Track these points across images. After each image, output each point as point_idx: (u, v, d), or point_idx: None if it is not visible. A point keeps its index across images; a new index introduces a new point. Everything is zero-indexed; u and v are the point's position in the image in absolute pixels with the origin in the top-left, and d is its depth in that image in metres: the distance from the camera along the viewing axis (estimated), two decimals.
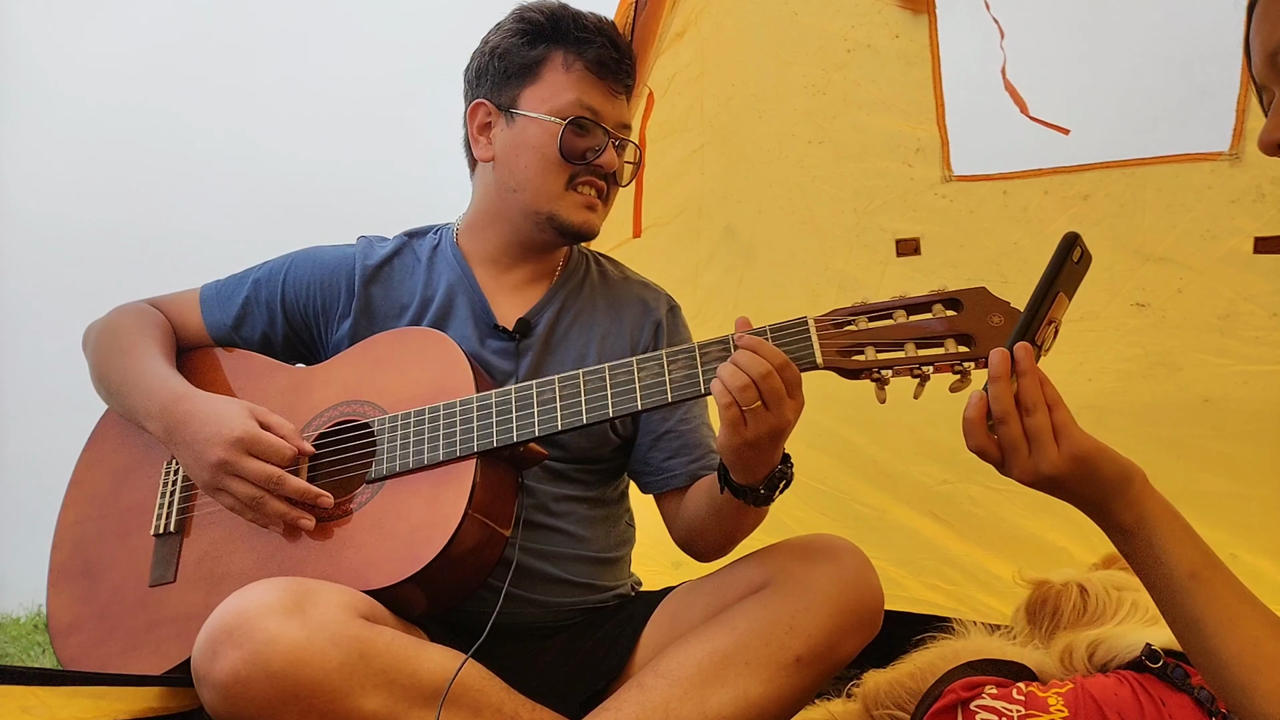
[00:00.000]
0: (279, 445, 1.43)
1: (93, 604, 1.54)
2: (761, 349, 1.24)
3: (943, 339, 1.23)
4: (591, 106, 1.59)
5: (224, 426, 1.43)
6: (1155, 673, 1.29)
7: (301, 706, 1.18)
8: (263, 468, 1.41)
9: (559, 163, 1.58)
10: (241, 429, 1.43)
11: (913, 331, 1.24)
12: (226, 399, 1.50)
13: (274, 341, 1.70)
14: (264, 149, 3.68)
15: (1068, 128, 2.15)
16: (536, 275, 1.70)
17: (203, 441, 1.44)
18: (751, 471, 1.32)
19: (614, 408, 1.36)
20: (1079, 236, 1.09)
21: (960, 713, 1.31)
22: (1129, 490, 1.07)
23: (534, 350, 1.63)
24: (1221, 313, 2.13)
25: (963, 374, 1.22)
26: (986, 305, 1.22)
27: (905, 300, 1.26)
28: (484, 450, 1.40)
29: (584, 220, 1.62)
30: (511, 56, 1.61)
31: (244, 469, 1.42)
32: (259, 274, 1.72)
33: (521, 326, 1.63)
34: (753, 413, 1.22)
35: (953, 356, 1.22)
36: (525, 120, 1.59)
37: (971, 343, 1.22)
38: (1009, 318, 1.21)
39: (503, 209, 1.66)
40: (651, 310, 1.71)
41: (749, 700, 1.35)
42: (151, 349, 1.61)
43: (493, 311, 1.65)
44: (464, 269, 1.68)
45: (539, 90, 1.60)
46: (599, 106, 1.60)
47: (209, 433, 1.44)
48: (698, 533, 1.55)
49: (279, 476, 1.41)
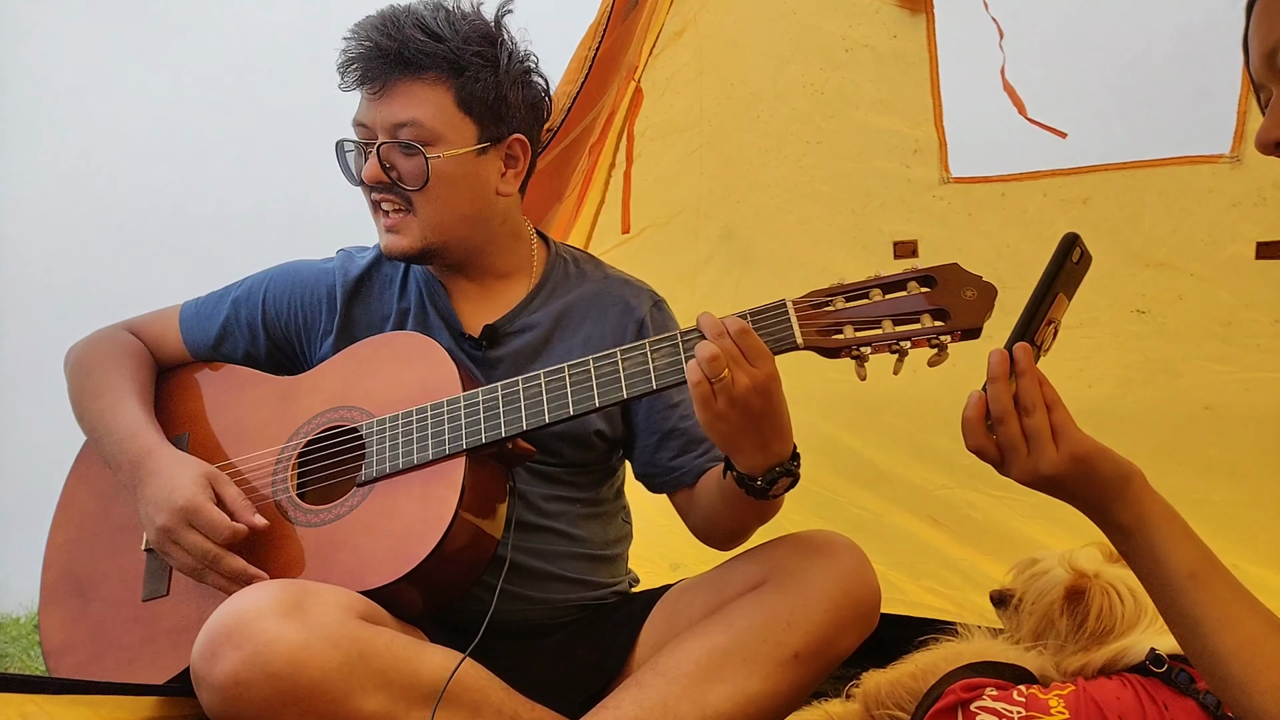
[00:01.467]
0: (218, 523, 1.39)
1: (86, 622, 1.53)
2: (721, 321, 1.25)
3: (919, 315, 1.24)
4: (360, 121, 1.54)
5: (174, 493, 1.41)
6: (1160, 677, 1.28)
7: (301, 707, 1.18)
8: (200, 543, 1.39)
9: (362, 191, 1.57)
10: (185, 500, 1.40)
11: (889, 309, 1.25)
12: (186, 463, 1.47)
13: (257, 359, 1.70)
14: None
15: (1065, 131, 2.15)
16: (509, 280, 1.67)
17: (152, 504, 1.43)
18: (744, 455, 1.31)
19: (600, 398, 1.36)
20: (1079, 237, 1.09)
21: (960, 713, 1.30)
22: (1128, 490, 1.07)
23: (509, 359, 1.60)
24: (1223, 319, 2.12)
25: (940, 348, 1.24)
26: (960, 280, 1.24)
27: (881, 279, 1.27)
28: (473, 447, 1.40)
29: (387, 246, 1.56)
30: None
31: (183, 540, 1.40)
32: (238, 292, 1.71)
33: (488, 334, 1.60)
34: (720, 385, 1.22)
35: (929, 330, 1.23)
36: None
37: (947, 317, 1.23)
38: (982, 291, 1.23)
39: None
40: (633, 309, 1.66)
41: (748, 697, 1.35)
42: (125, 390, 1.60)
43: (459, 320, 1.63)
44: (431, 279, 1.67)
45: None
46: (363, 118, 1.53)
47: (160, 496, 1.42)
48: (711, 523, 1.55)
49: (215, 555, 1.39)
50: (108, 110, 3.59)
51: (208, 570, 1.40)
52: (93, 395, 1.61)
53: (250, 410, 1.60)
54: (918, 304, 1.25)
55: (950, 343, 1.23)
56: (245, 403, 1.62)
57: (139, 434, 1.52)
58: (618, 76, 1.94)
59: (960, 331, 1.22)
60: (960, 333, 1.23)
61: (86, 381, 1.63)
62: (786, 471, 1.34)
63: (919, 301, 1.25)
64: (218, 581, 1.40)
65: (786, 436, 1.32)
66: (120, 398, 1.59)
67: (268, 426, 1.57)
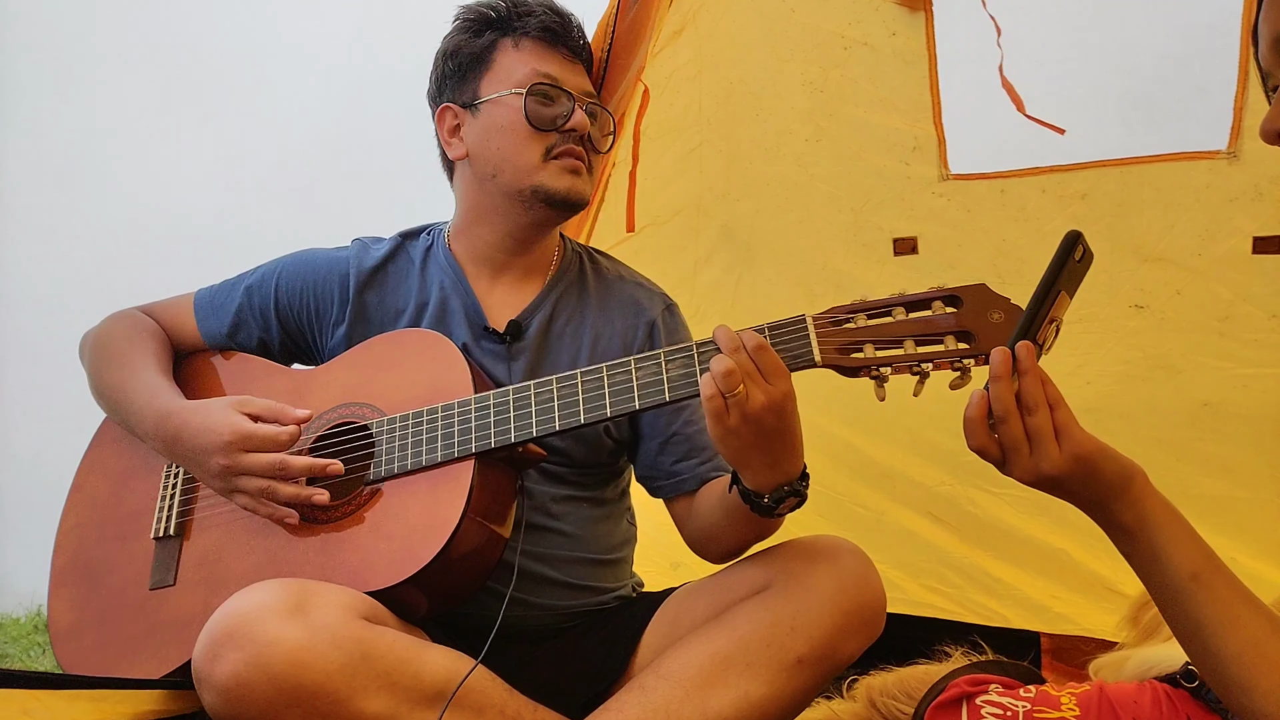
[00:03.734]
0: (272, 434, 1.43)
1: (93, 608, 1.54)
2: (738, 335, 1.24)
3: (942, 336, 1.22)
4: (549, 73, 1.57)
5: (214, 433, 1.43)
6: (1190, 690, 1.27)
7: (303, 708, 1.18)
8: (263, 459, 1.42)
9: (530, 134, 1.56)
10: (229, 431, 1.43)
11: (912, 329, 1.23)
12: (210, 404, 1.49)
13: (271, 347, 1.70)
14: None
15: (1063, 127, 2.15)
16: (529, 274, 1.68)
17: (200, 452, 1.45)
18: (753, 471, 1.31)
19: (612, 408, 1.35)
20: (1081, 235, 1.09)
21: (965, 706, 1.31)
22: (1130, 490, 1.07)
23: (527, 353, 1.61)
24: (1220, 314, 2.12)
25: (962, 371, 1.21)
26: (987, 302, 1.21)
27: (905, 298, 1.25)
28: (482, 451, 1.40)
29: (569, 186, 1.58)
30: (461, 53, 1.61)
31: (247, 466, 1.42)
32: (251, 280, 1.71)
33: (513, 329, 1.61)
34: (734, 400, 1.21)
35: (952, 353, 1.21)
36: (489, 105, 1.58)
37: (971, 339, 1.21)
38: (1009, 314, 1.20)
39: (486, 201, 1.63)
40: (644, 311, 1.67)
41: (750, 701, 1.35)
42: (144, 361, 1.60)
43: (484, 314, 1.63)
44: (456, 271, 1.67)
45: (495, 75, 1.59)
46: (557, 73, 1.58)
47: (202, 443, 1.44)
48: (709, 535, 1.54)
49: (281, 462, 1.42)
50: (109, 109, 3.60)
51: (278, 484, 1.42)
52: (113, 368, 1.61)
53: None
54: (942, 325, 1.22)
55: (974, 366, 1.21)
56: (257, 394, 1.60)
57: (156, 399, 1.53)
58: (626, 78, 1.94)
59: (985, 355, 1.16)
60: (984, 357, 1.16)
61: (106, 356, 1.64)
62: (794, 492, 1.33)
63: (943, 322, 1.22)
64: (290, 492, 1.42)
65: (798, 455, 1.31)
66: (139, 369, 1.59)
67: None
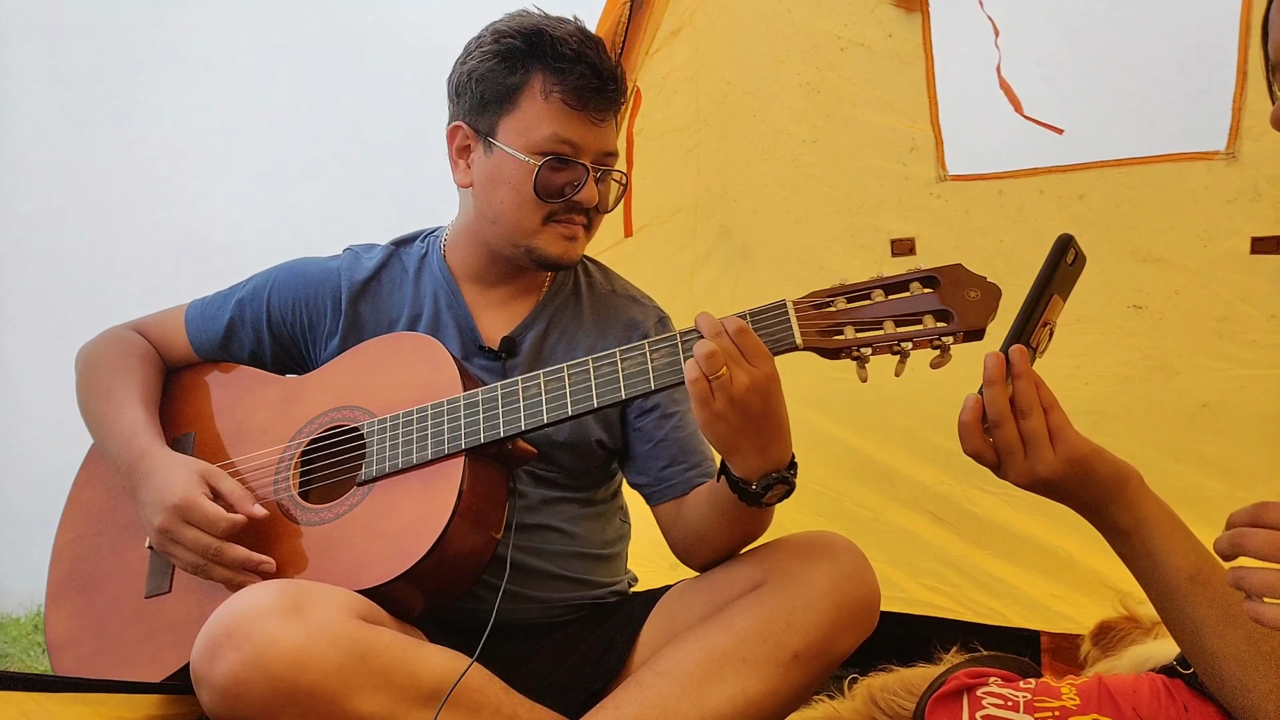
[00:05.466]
0: (214, 516, 1.39)
1: (90, 617, 1.54)
2: (720, 320, 1.26)
3: (921, 316, 1.23)
4: (570, 140, 1.52)
5: (167, 491, 1.41)
6: (1185, 679, 1.27)
7: (300, 708, 1.18)
8: (199, 538, 1.39)
9: (534, 201, 1.53)
10: (179, 497, 1.40)
11: (891, 310, 1.24)
12: (180, 462, 1.47)
13: (263, 359, 1.70)
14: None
15: (1062, 127, 2.15)
16: (523, 290, 1.68)
17: (149, 506, 1.44)
18: (741, 457, 1.31)
19: (599, 398, 1.36)
20: (1073, 238, 1.09)
21: (966, 698, 1.31)
22: (1125, 492, 1.07)
23: (520, 370, 1.61)
24: (1219, 315, 2.12)
25: (942, 349, 1.22)
26: (963, 281, 1.23)
27: (883, 280, 1.26)
28: (472, 447, 1.40)
29: (562, 251, 1.57)
30: (488, 82, 1.54)
31: (182, 537, 1.40)
32: (243, 293, 1.71)
33: (506, 345, 1.62)
34: (719, 384, 1.22)
35: (931, 332, 1.22)
36: (502, 153, 1.54)
37: (950, 318, 1.22)
38: (986, 292, 1.21)
39: (482, 233, 1.62)
40: (638, 325, 1.68)
41: (747, 698, 1.35)
42: (127, 394, 1.60)
43: (478, 330, 1.63)
44: (450, 284, 1.66)
45: (516, 121, 1.53)
46: (578, 139, 1.53)
47: (154, 497, 1.43)
48: (697, 537, 1.54)
49: (215, 548, 1.39)
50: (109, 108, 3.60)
51: (211, 565, 1.40)
52: (98, 397, 1.61)
53: (255, 410, 1.60)
54: (920, 305, 1.23)
55: (953, 344, 1.22)
56: (250, 403, 1.62)
57: (136, 437, 1.52)
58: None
59: (963, 333, 1.21)
60: (963, 334, 1.21)
61: (93, 382, 1.64)
62: (782, 479, 1.33)
63: (921, 302, 1.23)
64: (223, 575, 1.40)
65: (785, 440, 1.32)
66: (123, 401, 1.59)
67: (272, 426, 1.57)
